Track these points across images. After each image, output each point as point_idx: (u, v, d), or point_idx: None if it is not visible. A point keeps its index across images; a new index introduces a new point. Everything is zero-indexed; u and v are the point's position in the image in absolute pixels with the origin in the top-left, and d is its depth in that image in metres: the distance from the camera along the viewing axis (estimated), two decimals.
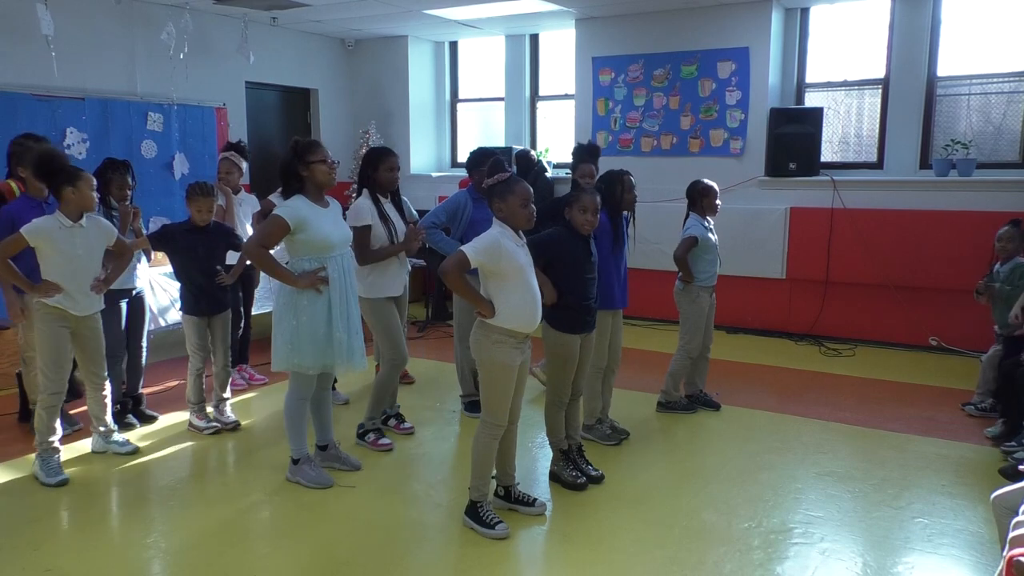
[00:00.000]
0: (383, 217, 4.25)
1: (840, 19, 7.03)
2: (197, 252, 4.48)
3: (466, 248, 3.24)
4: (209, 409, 4.72)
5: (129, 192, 4.61)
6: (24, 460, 4.19)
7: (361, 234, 4.16)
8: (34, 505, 3.70)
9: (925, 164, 6.65)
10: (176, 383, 5.57)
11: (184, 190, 4.69)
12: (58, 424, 4.00)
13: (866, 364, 6.15)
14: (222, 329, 4.66)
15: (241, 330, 5.47)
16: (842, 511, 3.65)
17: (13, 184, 4.48)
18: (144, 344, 4.86)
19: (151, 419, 4.83)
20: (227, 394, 4.77)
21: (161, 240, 4.51)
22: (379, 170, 4.27)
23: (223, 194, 5.20)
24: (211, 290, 4.53)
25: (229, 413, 4.75)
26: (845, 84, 7.03)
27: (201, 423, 4.64)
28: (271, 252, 3.71)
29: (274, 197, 5.08)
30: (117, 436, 4.34)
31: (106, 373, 4.22)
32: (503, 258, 3.22)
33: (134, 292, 4.69)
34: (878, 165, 6.87)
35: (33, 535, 3.40)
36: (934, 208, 6.31)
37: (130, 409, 4.79)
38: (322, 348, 3.70)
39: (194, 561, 3.21)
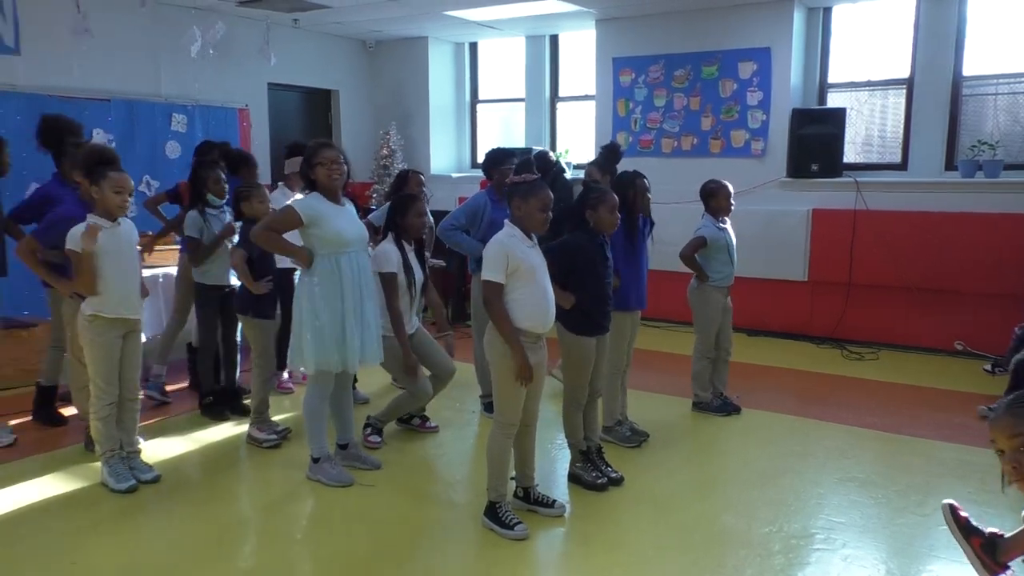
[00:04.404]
0: (406, 266, 4.21)
1: (863, 18, 6.96)
2: (253, 251, 4.25)
3: (485, 275, 3.26)
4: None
5: (226, 186, 4.70)
6: (37, 459, 4.24)
7: (388, 281, 4.14)
8: (56, 500, 3.74)
9: (951, 165, 6.56)
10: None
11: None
12: (114, 428, 3.82)
13: (890, 368, 6.07)
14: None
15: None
16: (865, 517, 3.61)
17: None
18: (239, 338, 4.88)
19: (248, 411, 4.60)
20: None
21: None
22: (408, 215, 4.21)
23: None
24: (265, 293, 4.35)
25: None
26: (869, 84, 6.95)
27: (262, 435, 4.40)
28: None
29: (277, 194, 5.15)
30: (142, 460, 3.98)
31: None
32: (512, 260, 3.25)
33: (227, 288, 4.70)
34: (902, 166, 6.78)
35: (56, 530, 3.44)
36: (960, 210, 6.22)
37: (227, 403, 4.86)
38: (338, 347, 3.73)
39: (215, 558, 3.24)
